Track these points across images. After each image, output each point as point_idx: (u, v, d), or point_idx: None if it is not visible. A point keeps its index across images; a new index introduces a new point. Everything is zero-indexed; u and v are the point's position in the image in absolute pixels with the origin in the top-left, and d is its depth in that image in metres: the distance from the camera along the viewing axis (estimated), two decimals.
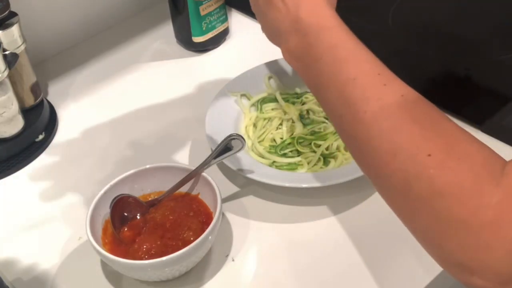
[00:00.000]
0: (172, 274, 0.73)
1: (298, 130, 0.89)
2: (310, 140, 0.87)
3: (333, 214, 0.80)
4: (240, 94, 0.94)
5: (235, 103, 0.93)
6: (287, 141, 0.87)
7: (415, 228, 0.56)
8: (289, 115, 0.90)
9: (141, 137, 0.94)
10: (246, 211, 0.81)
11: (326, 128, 0.88)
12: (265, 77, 0.96)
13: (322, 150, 0.85)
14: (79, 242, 0.80)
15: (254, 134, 0.90)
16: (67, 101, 1.02)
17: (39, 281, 0.77)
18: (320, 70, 0.62)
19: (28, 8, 1.01)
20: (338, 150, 0.85)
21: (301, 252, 0.76)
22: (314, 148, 0.86)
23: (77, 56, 1.10)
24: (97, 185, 0.82)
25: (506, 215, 0.50)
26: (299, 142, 0.87)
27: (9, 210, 0.87)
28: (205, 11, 1.04)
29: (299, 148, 0.86)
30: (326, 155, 0.85)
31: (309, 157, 0.85)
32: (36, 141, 0.95)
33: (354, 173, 0.79)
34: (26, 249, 0.80)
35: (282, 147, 0.87)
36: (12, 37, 0.91)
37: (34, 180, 0.90)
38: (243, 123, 0.92)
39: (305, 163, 0.84)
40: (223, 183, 0.84)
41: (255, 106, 0.94)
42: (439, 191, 0.52)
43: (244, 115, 0.93)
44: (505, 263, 0.50)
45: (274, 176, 0.81)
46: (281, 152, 0.86)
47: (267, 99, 0.94)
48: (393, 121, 0.56)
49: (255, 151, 0.87)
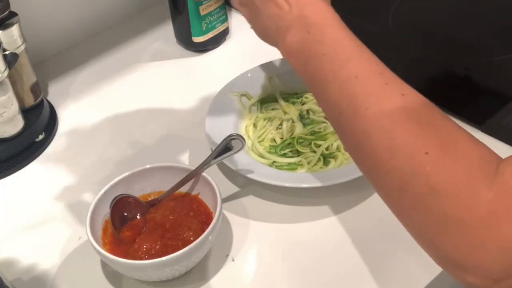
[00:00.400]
0: (172, 274, 0.73)
1: (298, 130, 0.89)
2: (310, 140, 0.87)
3: (333, 214, 0.80)
4: (240, 94, 0.94)
5: (235, 103, 0.93)
6: (287, 141, 0.87)
7: (411, 225, 0.56)
8: (289, 115, 0.91)
9: (141, 137, 0.94)
10: (246, 211, 0.81)
11: (326, 128, 0.88)
12: (265, 77, 0.96)
13: (322, 150, 0.85)
14: (79, 242, 0.80)
15: (254, 134, 0.90)
16: (67, 101, 1.02)
17: (39, 281, 0.77)
18: (321, 67, 0.62)
19: (28, 8, 1.01)
20: (338, 150, 0.85)
21: (301, 252, 0.76)
22: (314, 148, 0.86)
23: (77, 56, 1.10)
24: (97, 185, 0.82)
25: (498, 213, 0.50)
26: (299, 142, 0.87)
27: (9, 210, 0.87)
28: (205, 11, 1.04)
29: (299, 148, 0.86)
30: (326, 155, 0.85)
31: (309, 157, 0.85)
32: (36, 141, 0.95)
33: (354, 173, 0.79)
34: (26, 249, 0.80)
35: (282, 147, 0.87)
36: (12, 37, 0.91)
37: (34, 180, 0.90)
38: (243, 123, 0.92)
39: (305, 163, 0.84)
40: (223, 183, 0.84)
41: (255, 106, 0.94)
42: (435, 189, 0.52)
43: (244, 115, 0.93)
44: (498, 260, 0.50)
45: (274, 176, 0.81)
46: (281, 152, 0.86)
47: (267, 99, 0.94)
48: (392, 119, 0.56)
49: (255, 151, 0.87)
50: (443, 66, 1.00)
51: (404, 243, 0.72)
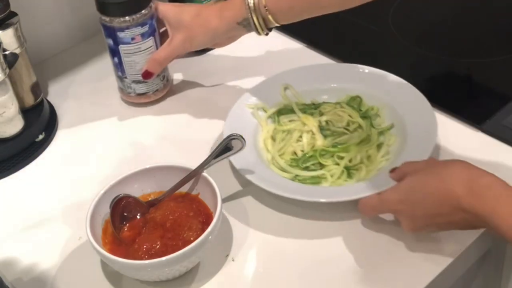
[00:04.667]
0: (172, 274, 0.73)
1: (320, 142, 0.86)
2: (333, 152, 0.84)
3: (333, 215, 0.80)
4: (257, 107, 0.91)
5: (251, 116, 0.90)
6: (308, 154, 0.85)
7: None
8: (308, 127, 0.88)
9: (141, 137, 0.94)
10: (246, 211, 0.81)
11: (348, 140, 0.86)
12: (281, 88, 0.93)
13: (345, 162, 0.83)
14: (79, 242, 0.80)
15: (273, 148, 0.87)
16: (67, 101, 1.02)
17: (39, 281, 0.77)
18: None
19: (28, 8, 1.01)
20: (361, 162, 0.83)
21: (302, 252, 0.76)
22: (337, 160, 0.84)
23: (77, 56, 1.10)
24: (97, 185, 0.82)
25: None
26: (322, 154, 0.85)
27: (9, 210, 0.87)
28: None
29: (321, 161, 0.84)
30: (349, 167, 0.83)
31: (332, 170, 0.83)
32: (36, 141, 0.95)
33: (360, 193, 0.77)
34: (26, 249, 0.80)
35: (304, 160, 0.84)
36: (12, 37, 0.91)
37: (34, 180, 0.90)
38: (261, 135, 0.89)
39: (329, 176, 0.82)
40: (223, 183, 0.84)
41: (272, 118, 0.91)
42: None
43: (262, 128, 0.90)
44: None
45: (299, 191, 0.79)
46: (303, 166, 0.84)
47: (284, 111, 0.92)
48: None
49: (276, 165, 0.85)
50: (443, 66, 1.00)
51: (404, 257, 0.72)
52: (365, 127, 0.87)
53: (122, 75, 0.97)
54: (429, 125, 0.84)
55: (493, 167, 0.69)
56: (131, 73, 0.96)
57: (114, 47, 0.94)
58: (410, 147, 0.82)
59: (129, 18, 0.91)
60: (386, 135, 0.87)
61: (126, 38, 0.93)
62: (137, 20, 0.92)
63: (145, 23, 0.93)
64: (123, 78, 0.97)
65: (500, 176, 0.66)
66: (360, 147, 0.85)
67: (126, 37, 0.92)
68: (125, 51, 0.94)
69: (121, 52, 0.94)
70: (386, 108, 0.90)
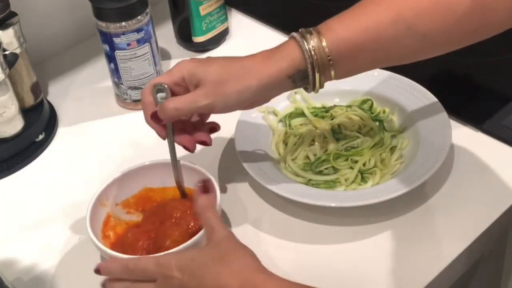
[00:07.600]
0: None
1: (332, 146, 0.86)
2: (347, 156, 0.84)
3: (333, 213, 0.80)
4: (268, 111, 0.90)
5: (262, 120, 0.89)
6: (322, 158, 0.84)
7: None
8: (320, 131, 0.87)
9: (141, 137, 0.94)
10: (246, 211, 0.81)
11: (362, 143, 0.85)
12: (291, 91, 0.90)
13: (360, 166, 0.82)
14: (79, 242, 0.80)
15: (285, 152, 0.86)
16: (67, 101, 1.02)
17: (39, 281, 0.77)
18: None
19: (28, 8, 1.01)
20: (375, 166, 0.83)
21: (302, 252, 0.76)
22: (351, 164, 0.83)
23: (77, 56, 1.10)
24: (97, 185, 0.81)
25: None
26: (336, 158, 0.84)
27: (9, 210, 0.87)
28: (205, 11, 1.04)
29: (335, 165, 0.83)
30: (363, 171, 0.82)
31: (346, 174, 0.82)
32: (36, 141, 0.95)
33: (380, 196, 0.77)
34: (26, 249, 0.80)
35: (317, 164, 0.84)
36: (12, 37, 0.91)
37: (34, 180, 0.90)
38: (272, 139, 0.88)
39: (343, 181, 0.82)
40: (223, 183, 0.84)
41: (283, 122, 0.90)
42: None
43: (273, 132, 0.89)
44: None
45: (314, 196, 0.78)
46: (317, 170, 0.83)
47: (294, 114, 0.91)
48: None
49: (289, 169, 0.84)
50: (443, 66, 1.00)
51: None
52: (377, 130, 0.87)
53: (118, 81, 0.97)
54: (442, 127, 0.83)
55: (493, 167, 0.69)
56: (127, 79, 0.96)
57: (110, 53, 0.94)
58: (424, 150, 0.81)
59: (125, 23, 0.91)
60: (398, 138, 0.86)
61: (122, 43, 0.93)
62: (133, 25, 0.92)
63: (141, 29, 0.93)
64: (119, 84, 0.97)
65: (500, 176, 0.66)
66: (373, 151, 0.84)
67: (122, 42, 0.93)
68: (121, 57, 0.94)
69: (117, 58, 0.94)
70: (397, 111, 0.89)
